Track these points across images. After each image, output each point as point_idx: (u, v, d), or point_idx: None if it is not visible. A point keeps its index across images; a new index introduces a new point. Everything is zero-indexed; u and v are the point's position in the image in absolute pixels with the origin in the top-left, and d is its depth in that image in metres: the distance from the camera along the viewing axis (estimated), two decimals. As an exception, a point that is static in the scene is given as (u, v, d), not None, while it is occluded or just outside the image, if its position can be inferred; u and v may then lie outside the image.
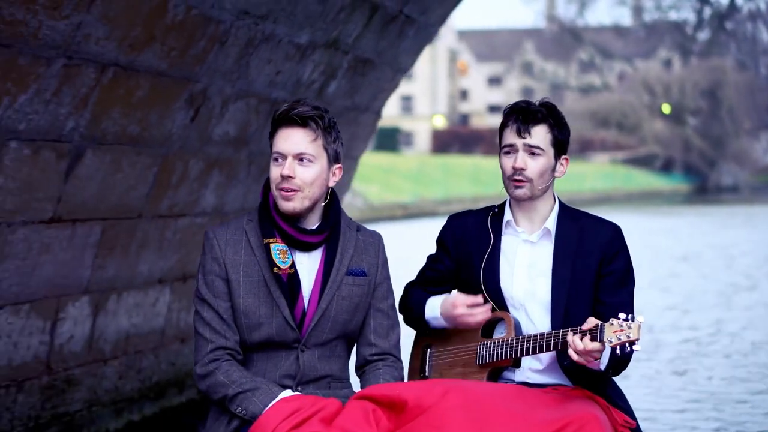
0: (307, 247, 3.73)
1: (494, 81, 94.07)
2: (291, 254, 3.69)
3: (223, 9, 5.49)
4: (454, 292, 4.00)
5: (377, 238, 3.90)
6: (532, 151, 3.88)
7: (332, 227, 3.76)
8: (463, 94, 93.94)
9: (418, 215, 36.78)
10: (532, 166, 3.87)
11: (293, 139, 3.65)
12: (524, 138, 3.87)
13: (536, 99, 4.01)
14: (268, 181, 3.76)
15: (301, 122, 3.63)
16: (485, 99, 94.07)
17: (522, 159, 3.87)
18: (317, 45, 6.65)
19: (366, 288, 3.81)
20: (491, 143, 73.01)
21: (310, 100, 3.71)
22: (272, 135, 3.69)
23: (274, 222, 3.69)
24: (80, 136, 5.08)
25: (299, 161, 3.65)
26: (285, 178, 3.63)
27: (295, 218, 3.68)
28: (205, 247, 3.75)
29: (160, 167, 5.88)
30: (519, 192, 3.90)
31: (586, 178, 57.85)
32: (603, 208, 42.92)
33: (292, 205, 3.65)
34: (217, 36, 5.62)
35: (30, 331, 5.38)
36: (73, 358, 5.81)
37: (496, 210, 4.03)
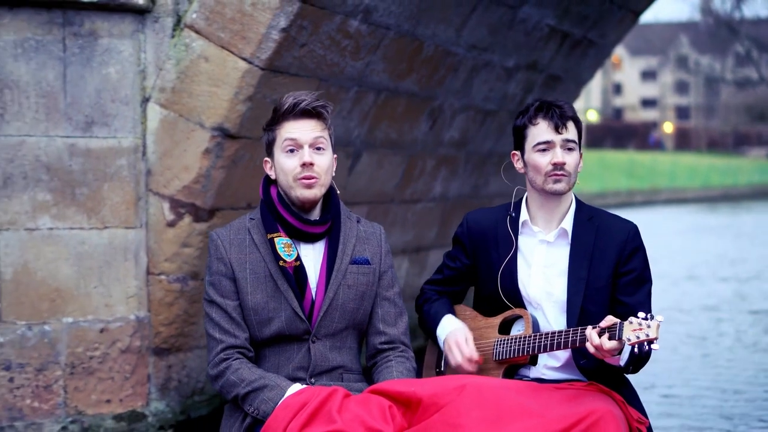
0: (312, 239, 3.80)
1: (648, 75, 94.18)
2: (296, 247, 3.76)
3: (458, 45, 7.30)
4: (466, 331, 4.00)
5: (378, 229, 4.00)
6: (568, 146, 3.94)
7: (333, 218, 3.84)
8: (617, 88, 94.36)
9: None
10: (570, 161, 3.93)
11: (307, 129, 3.75)
12: (562, 133, 3.92)
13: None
14: (267, 177, 3.86)
15: (314, 113, 3.75)
16: (639, 93, 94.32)
17: (561, 154, 3.92)
18: (520, 67, 8.41)
19: (371, 277, 3.87)
20: (644, 137, 73.54)
21: (309, 93, 3.82)
22: (274, 129, 3.78)
23: (279, 216, 3.76)
24: (360, 142, 6.96)
25: (315, 149, 3.77)
26: (306, 165, 3.73)
27: (303, 210, 3.77)
28: (210, 250, 3.83)
29: (407, 164, 7.74)
30: (559, 186, 3.93)
31: (742, 172, 58.24)
32: (760, 203, 43.51)
33: (313, 192, 3.76)
34: (453, 65, 7.44)
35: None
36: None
37: (513, 214, 4.05)
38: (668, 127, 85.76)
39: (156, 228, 5.66)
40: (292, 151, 3.73)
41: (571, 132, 3.94)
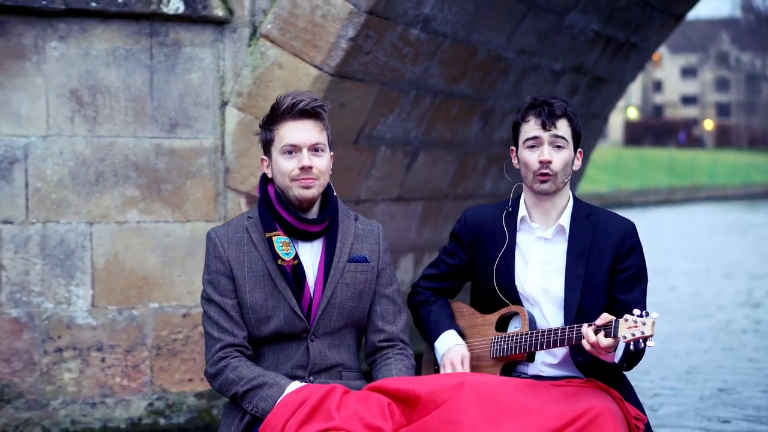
0: (309, 237, 3.78)
1: (688, 72, 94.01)
2: (294, 246, 3.75)
3: (509, 50, 7.75)
4: (464, 350, 3.96)
5: (376, 227, 3.94)
6: (557, 143, 3.88)
7: (331, 216, 3.81)
8: (657, 86, 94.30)
9: (614, 205, 38.31)
10: (557, 159, 3.87)
11: (306, 131, 3.71)
12: (550, 130, 3.87)
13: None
14: (264, 176, 3.83)
15: (312, 114, 3.71)
16: (679, 90, 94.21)
17: (548, 152, 3.87)
18: (566, 70, 8.85)
19: (369, 275, 3.84)
20: (676, 135, 73.48)
21: (306, 92, 3.78)
22: (272, 129, 3.74)
23: (277, 214, 3.75)
24: (417, 141, 7.43)
25: (314, 152, 3.72)
26: (305, 169, 3.69)
27: (301, 209, 3.75)
28: (208, 248, 3.80)
29: (460, 162, 8.21)
30: (544, 186, 3.90)
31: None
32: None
33: (311, 192, 3.72)
34: (504, 69, 7.89)
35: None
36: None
37: (510, 209, 4.02)
38: (708, 125, 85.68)
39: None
40: (290, 152, 3.70)
41: (561, 130, 3.88)
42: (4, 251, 5.86)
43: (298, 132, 3.69)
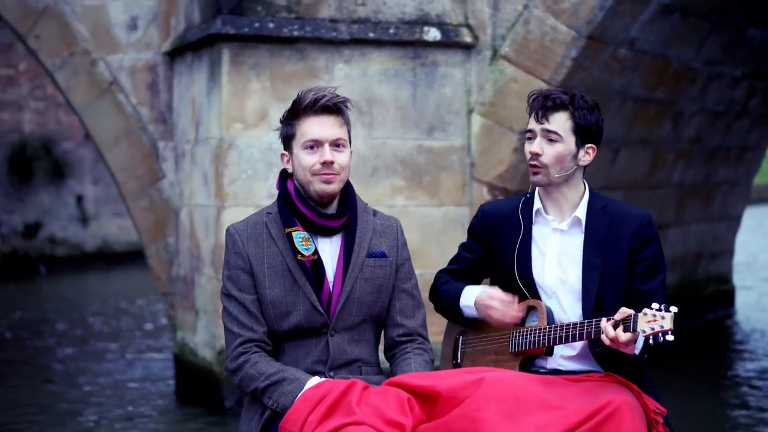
0: (329, 232, 3.77)
1: None
2: (313, 241, 3.74)
3: (696, 61, 9.10)
4: (494, 287, 3.96)
5: (394, 222, 3.94)
6: (549, 137, 3.83)
7: (350, 211, 3.80)
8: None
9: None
10: (548, 153, 3.83)
11: (327, 126, 3.69)
12: (542, 123, 3.83)
13: None
14: (283, 172, 3.82)
15: (334, 110, 3.70)
16: None
17: (539, 144, 3.84)
18: (745, 76, 10.15)
19: (388, 270, 3.82)
20: None
21: (328, 88, 3.77)
22: (294, 124, 3.72)
23: (296, 210, 3.74)
24: (620, 140, 8.86)
25: (335, 147, 3.70)
26: (326, 164, 3.68)
27: (321, 204, 3.74)
28: (227, 244, 3.80)
29: (653, 157, 9.61)
30: (536, 178, 3.89)
31: None
32: None
33: (332, 187, 3.71)
34: (692, 77, 9.25)
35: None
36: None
37: (528, 195, 4.01)
38: None
39: (477, 205, 7.68)
40: (312, 147, 3.70)
41: (554, 124, 3.82)
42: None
43: (319, 127, 3.68)
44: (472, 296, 3.96)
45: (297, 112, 3.71)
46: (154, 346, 11.04)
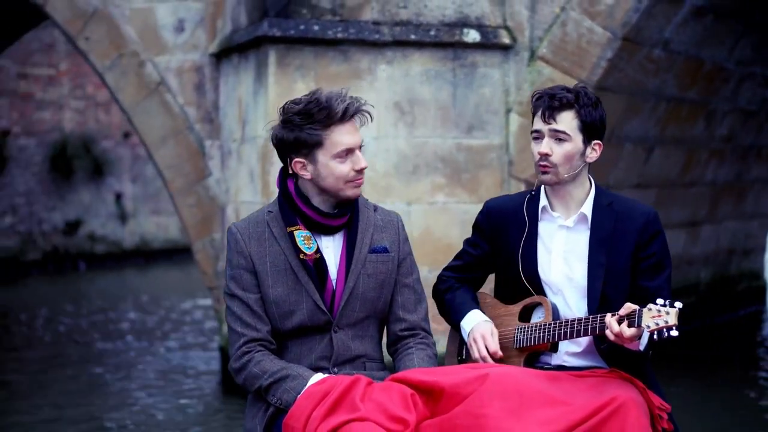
0: (331, 231, 3.78)
1: None
2: (315, 240, 3.74)
3: (729, 61, 9.29)
4: (492, 326, 3.92)
5: (395, 217, 3.93)
6: (557, 136, 3.84)
7: (351, 208, 3.80)
8: None
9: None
10: (558, 152, 3.83)
11: (356, 132, 3.71)
12: (549, 124, 3.85)
13: None
14: (283, 171, 3.80)
15: (355, 116, 3.70)
16: None
17: (547, 145, 3.85)
18: (779, 76, 10.34)
19: (390, 265, 3.83)
20: None
21: (342, 90, 3.74)
22: (319, 132, 3.65)
23: (298, 209, 3.74)
24: (654, 139, 9.06)
25: (359, 150, 3.74)
26: (361, 171, 3.72)
27: (336, 206, 3.77)
28: (229, 243, 3.80)
29: (686, 156, 9.80)
30: (545, 177, 3.88)
31: None
32: None
33: (360, 191, 3.77)
34: (725, 77, 9.43)
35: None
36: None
37: (533, 192, 4.01)
38: None
39: (515, 202, 7.93)
40: (344, 155, 3.68)
41: (562, 123, 3.84)
42: (346, 224, 7.78)
43: (351, 135, 3.69)
44: (472, 323, 3.95)
45: (326, 121, 3.64)
46: (197, 341, 11.29)
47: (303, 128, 3.66)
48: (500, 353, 3.87)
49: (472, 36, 7.79)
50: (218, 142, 8.59)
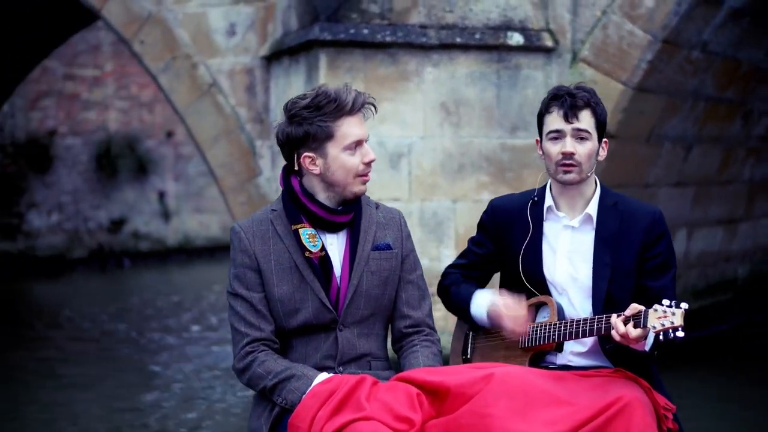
0: (336, 228, 3.75)
1: None
2: (320, 237, 3.71)
3: (765, 61, 9.48)
4: (502, 297, 3.91)
5: (397, 214, 3.90)
6: (580, 135, 3.83)
7: (355, 206, 3.77)
8: None
9: None
10: (581, 151, 3.83)
11: (363, 124, 3.70)
12: (572, 123, 3.83)
13: None
14: (288, 168, 3.77)
15: (361, 108, 3.69)
16: None
17: (571, 144, 3.83)
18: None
19: (393, 261, 3.81)
20: None
21: (346, 86, 3.72)
22: (328, 124, 3.63)
23: (303, 207, 3.71)
24: (692, 138, 9.28)
25: (366, 143, 3.72)
26: (370, 163, 3.71)
27: (341, 203, 3.74)
28: (233, 242, 3.76)
29: (724, 155, 10.02)
30: (569, 177, 3.85)
31: None
32: None
33: (366, 187, 3.74)
34: (761, 77, 9.63)
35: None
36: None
37: (536, 198, 3.98)
38: None
39: (558, 200, 8.18)
40: (353, 148, 3.67)
41: (584, 122, 3.84)
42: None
43: (359, 127, 3.67)
44: (483, 305, 3.95)
45: (336, 113, 3.64)
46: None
47: (313, 121, 3.64)
48: (525, 310, 3.85)
49: (516, 39, 8.05)
50: (268, 141, 8.87)
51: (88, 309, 13.84)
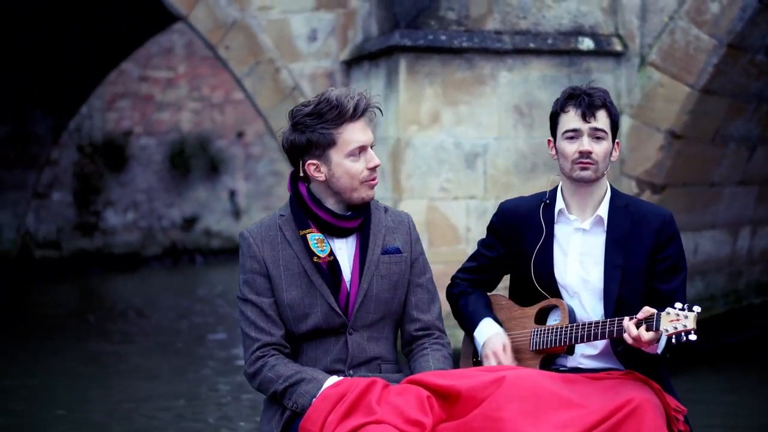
0: (344, 233, 3.75)
1: None
2: (328, 242, 3.71)
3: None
4: (504, 339, 3.92)
5: (406, 218, 3.89)
6: (596, 134, 3.84)
7: (364, 210, 3.76)
8: None
9: None
10: (598, 150, 3.84)
11: (366, 130, 3.69)
12: (590, 122, 3.83)
13: None
14: (295, 174, 3.76)
15: (365, 113, 3.68)
16: None
17: (588, 143, 3.83)
18: None
19: (403, 265, 3.81)
20: None
21: (350, 89, 3.75)
22: (331, 131, 3.63)
23: (311, 212, 3.71)
24: (756, 138, 9.59)
25: (371, 149, 3.70)
26: (374, 168, 3.71)
27: (349, 209, 3.73)
28: (242, 248, 3.77)
29: (786, 154, 10.33)
30: (586, 173, 3.85)
31: None
32: None
33: (374, 192, 3.74)
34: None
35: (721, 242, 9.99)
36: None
37: (547, 201, 3.97)
38: None
39: (626, 198, 8.53)
40: (356, 154, 3.67)
41: (600, 121, 3.85)
42: (470, 219, 8.44)
43: (363, 133, 3.67)
44: (485, 335, 3.96)
45: (338, 119, 3.64)
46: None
47: (315, 129, 3.65)
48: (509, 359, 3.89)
49: (587, 44, 8.43)
50: (348, 142, 9.30)
51: (161, 304, 14.35)
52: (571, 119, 3.89)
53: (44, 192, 18.04)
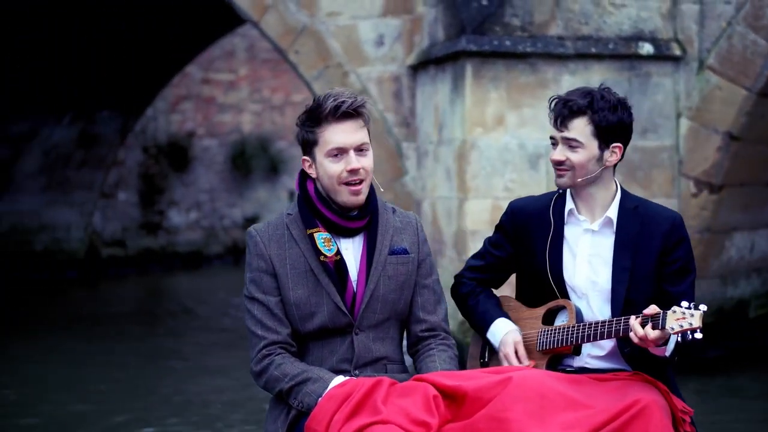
0: (351, 233, 3.75)
1: None
2: (335, 241, 3.71)
3: None
4: (518, 336, 3.92)
5: (413, 219, 3.89)
6: (569, 144, 3.81)
7: (372, 211, 3.77)
8: None
9: None
10: (572, 158, 3.81)
11: (350, 132, 3.66)
12: (561, 131, 3.82)
13: None
14: (303, 172, 3.79)
15: (355, 113, 3.66)
16: None
17: (561, 152, 3.83)
18: None
19: (410, 266, 3.81)
20: None
21: (346, 90, 3.73)
22: (315, 130, 3.66)
23: (318, 212, 3.71)
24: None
25: (359, 152, 3.67)
26: (352, 171, 3.65)
27: (345, 209, 3.72)
28: (249, 247, 3.77)
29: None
30: (561, 180, 3.87)
31: None
32: None
33: (359, 199, 3.70)
34: None
35: None
36: None
37: (560, 192, 3.96)
38: None
39: (685, 197, 8.80)
40: (336, 155, 3.68)
41: (573, 131, 3.82)
42: (532, 216, 8.77)
43: (343, 134, 3.66)
44: (499, 335, 3.97)
45: (318, 118, 3.67)
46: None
47: (303, 126, 3.72)
48: (531, 365, 3.89)
49: (647, 49, 8.72)
50: (414, 144, 9.65)
51: (222, 301, 14.74)
52: (551, 127, 3.93)
53: (110, 192, 18.57)
